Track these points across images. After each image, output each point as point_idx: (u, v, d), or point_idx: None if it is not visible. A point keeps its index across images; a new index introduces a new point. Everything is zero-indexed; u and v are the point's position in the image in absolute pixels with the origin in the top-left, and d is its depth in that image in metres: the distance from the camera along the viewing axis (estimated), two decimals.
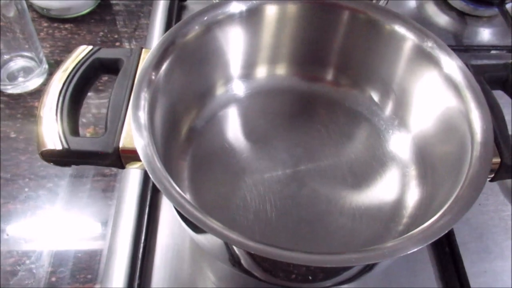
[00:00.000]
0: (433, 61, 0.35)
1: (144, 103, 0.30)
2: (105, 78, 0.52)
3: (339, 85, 0.42)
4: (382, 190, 0.38)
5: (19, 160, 0.45)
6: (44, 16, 0.58)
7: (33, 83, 0.51)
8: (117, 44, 0.57)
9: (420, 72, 0.37)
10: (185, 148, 0.38)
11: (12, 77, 0.51)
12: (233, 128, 0.41)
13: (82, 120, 0.48)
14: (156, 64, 0.32)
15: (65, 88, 0.31)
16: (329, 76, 0.42)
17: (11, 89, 0.50)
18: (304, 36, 0.40)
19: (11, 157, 0.45)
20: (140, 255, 0.38)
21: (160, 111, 0.33)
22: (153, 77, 0.31)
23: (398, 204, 0.37)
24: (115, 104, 0.30)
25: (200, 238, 0.32)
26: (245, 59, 0.41)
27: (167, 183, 0.26)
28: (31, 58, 0.51)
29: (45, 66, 0.52)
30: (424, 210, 0.35)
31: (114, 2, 0.61)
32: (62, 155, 0.29)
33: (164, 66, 0.33)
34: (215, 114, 0.40)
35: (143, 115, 0.29)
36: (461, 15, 0.61)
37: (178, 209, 0.25)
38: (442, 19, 0.61)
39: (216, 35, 0.37)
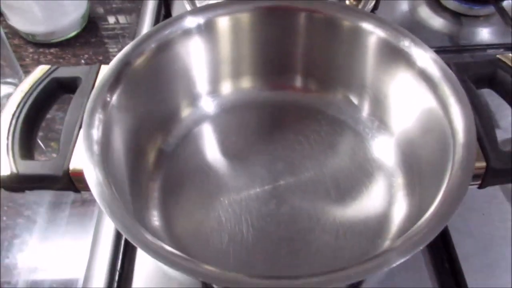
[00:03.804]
0: (403, 55, 0.33)
1: (98, 123, 0.28)
2: None
3: (309, 91, 0.40)
4: (368, 204, 0.35)
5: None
6: (30, 42, 0.58)
7: None
8: None
9: (391, 68, 0.34)
10: (155, 170, 0.36)
11: None
12: (207, 147, 0.39)
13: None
14: (111, 84, 0.30)
15: (19, 110, 0.30)
16: (298, 82, 0.40)
17: None
18: (263, 45, 0.38)
19: None
20: (115, 285, 0.36)
21: (121, 134, 0.31)
22: (108, 98, 0.30)
23: (385, 218, 0.34)
24: (68, 125, 0.29)
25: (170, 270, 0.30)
26: (208, 75, 0.39)
27: (114, 207, 0.24)
28: (14, 84, 0.51)
29: None
30: (412, 223, 0.32)
31: (100, 24, 0.61)
32: (11, 180, 0.27)
33: (120, 87, 0.31)
34: (187, 134, 0.39)
35: (96, 133, 0.28)
36: (456, 16, 0.58)
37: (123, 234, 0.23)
38: (436, 21, 0.58)
39: (174, 52, 0.35)
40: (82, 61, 0.56)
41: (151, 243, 0.23)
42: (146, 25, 0.58)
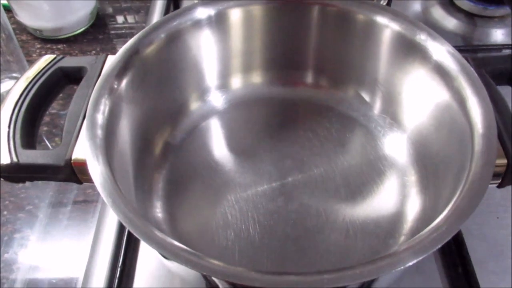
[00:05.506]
0: (419, 49, 0.32)
1: (103, 108, 0.27)
2: None
3: (320, 87, 0.39)
4: (379, 202, 0.34)
5: (1, 183, 0.43)
6: (37, 37, 0.57)
7: None
8: None
9: (406, 62, 0.33)
10: (161, 163, 0.35)
11: (1, 99, 0.50)
12: (214, 141, 0.38)
13: None
14: (118, 72, 0.30)
15: (22, 99, 0.29)
16: (309, 78, 0.39)
17: None
18: (275, 39, 0.38)
19: None
20: (116, 282, 0.35)
21: (127, 124, 0.31)
22: (115, 85, 0.29)
23: (398, 217, 0.33)
24: (72, 114, 0.28)
25: (173, 267, 0.29)
26: (218, 68, 0.38)
27: (117, 198, 0.23)
28: None
29: None
30: (426, 223, 0.31)
31: (108, 22, 0.60)
32: (11, 170, 0.26)
33: (127, 76, 0.30)
34: (195, 128, 0.38)
35: (101, 118, 0.27)
36: (470, 17, 0.57)
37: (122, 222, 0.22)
38: (450, 22, 0.57)
39: (184, 43, 0.34)
40: None
41: (154, 235, 0.22)
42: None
